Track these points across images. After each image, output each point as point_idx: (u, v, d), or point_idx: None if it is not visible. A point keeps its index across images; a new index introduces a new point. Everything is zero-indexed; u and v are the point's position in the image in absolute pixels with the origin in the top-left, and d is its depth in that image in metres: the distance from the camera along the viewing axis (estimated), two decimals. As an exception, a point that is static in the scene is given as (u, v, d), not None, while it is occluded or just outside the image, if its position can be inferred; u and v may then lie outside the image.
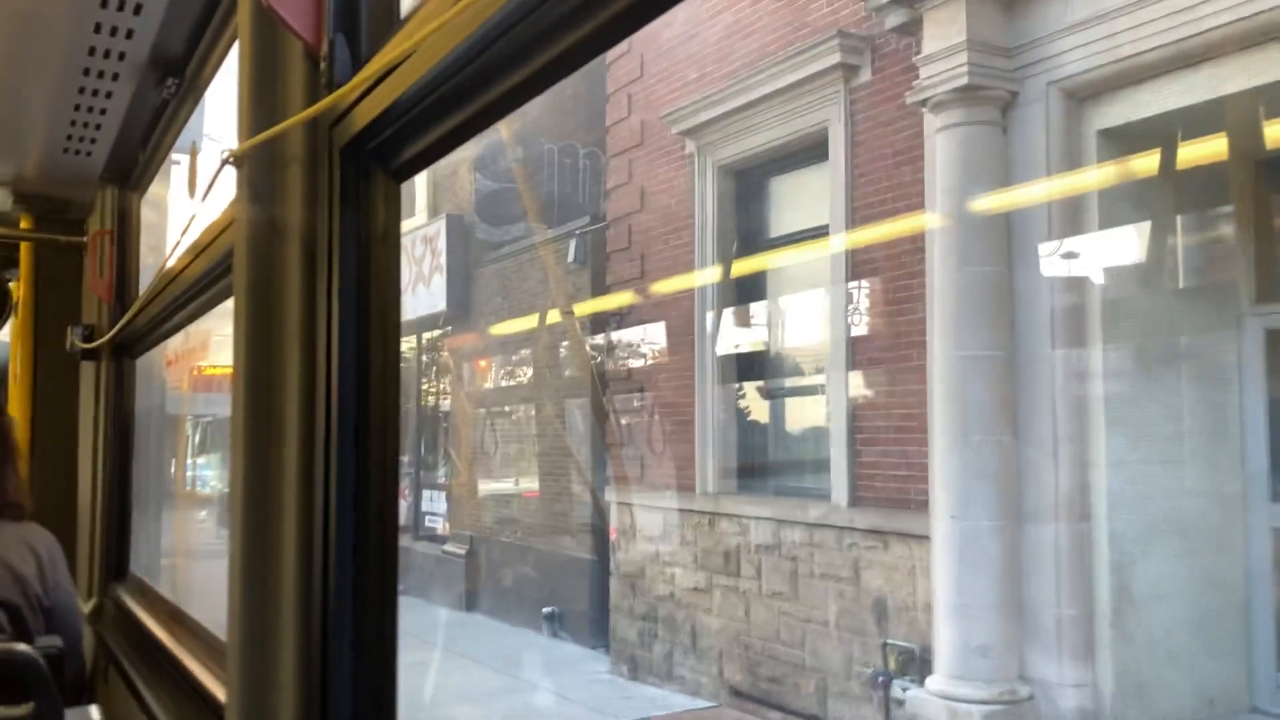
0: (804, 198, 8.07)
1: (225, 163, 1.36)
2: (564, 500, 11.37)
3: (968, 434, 5.79)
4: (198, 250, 1.93)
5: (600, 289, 10.64)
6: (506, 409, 12.63)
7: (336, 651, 1.18)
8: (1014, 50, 5.79)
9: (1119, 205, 5.63)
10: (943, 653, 5.91)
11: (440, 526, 14.33)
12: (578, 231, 11.01)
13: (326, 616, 1.18)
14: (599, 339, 10.66)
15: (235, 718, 1.29)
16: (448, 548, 13.77)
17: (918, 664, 6.48)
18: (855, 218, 7.23)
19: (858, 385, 7.15)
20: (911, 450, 6.67)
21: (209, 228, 1.81)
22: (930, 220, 6.35)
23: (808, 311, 8.06)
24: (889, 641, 6.74)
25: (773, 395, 8.44)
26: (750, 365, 8.46)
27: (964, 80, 5.76)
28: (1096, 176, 5.59)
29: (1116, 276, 5.67)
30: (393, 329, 1.20)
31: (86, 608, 3.01)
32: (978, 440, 5.76)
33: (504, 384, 12.78)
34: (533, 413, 12.18)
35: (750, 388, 8.46)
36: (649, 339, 9.39)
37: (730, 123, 8.29)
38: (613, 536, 9.81)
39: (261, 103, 1.33)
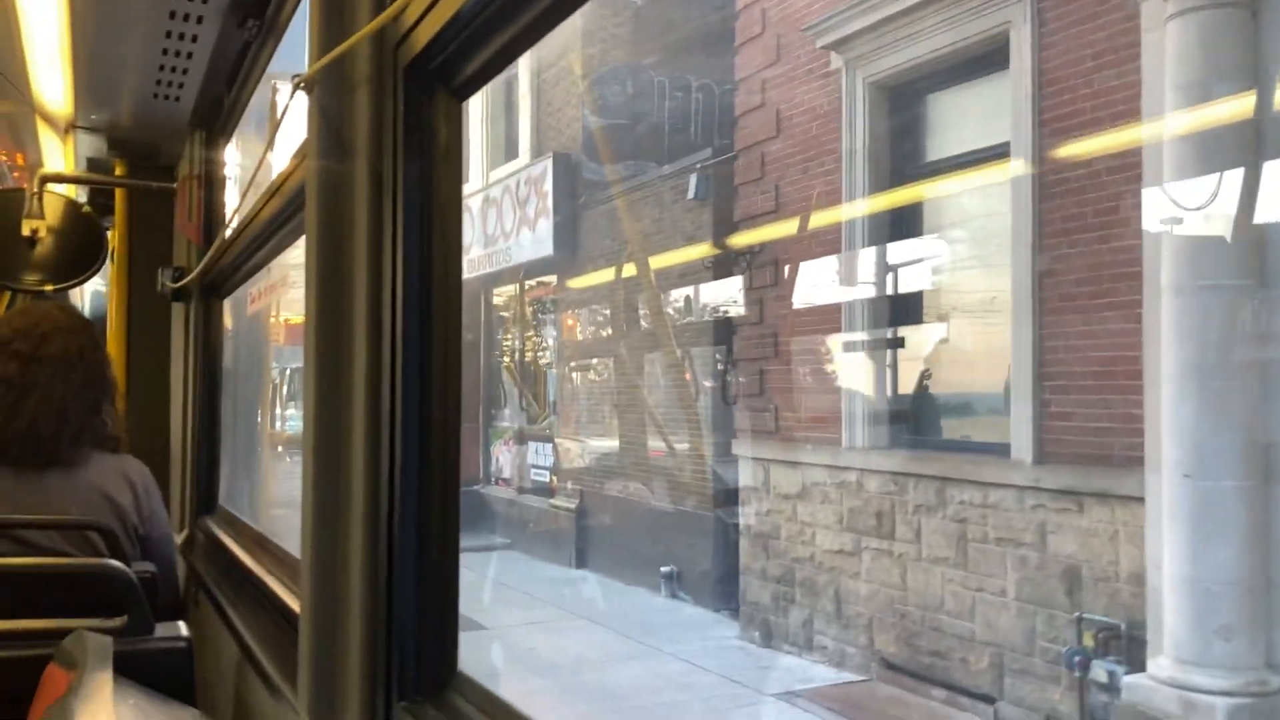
0: (975, 114, 7.14)
1: (296, 87, 1.38)
2: (681, 454, 10.68)
3: (1206, 378, 4.90)
4: (275, 186, 1.99)
5: (724, 227, 9.84)
6: (616, 358, 11.95)
7: (401, 564, 1.22)
8: (1272, -85, 4.81)
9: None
10: (1171, 633, 5.07)
11: (547, 480, 13.78)
12: (699, 165, 10.20)
13: (391, 531, 1.22)
14: (721, 283, 9.89)
15: (308, 627, 1.34)
16: (555, 501, 13.22)
17: (1124, 643, 5.64)
18: (1043, 133, 6.30)
19: (1045, 325, 6.26)
20: (1115, 400, 5.79)
21: (286, 165, 1.86)
22: (1148, 130, 5.41)
23: (980, 243, 7.15)
24: (1085, 616, 5.90)
25: (935, 339, 7.57)
26: (907, 305, 7.59)
27: (1209, -47, 4.81)
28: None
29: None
30: (454, 246, 1.24)
31: (179, 539, 3.12)
32: (1219, 385, 4.87)
33: (614, 332, 12.09)
34: (646, 362, 11.48)
35: (907, 331, 7.60)
36: (784, 279, 8.57)
37: (886, 31, 7.37)
38: (741, 493, 9.10)
39: (330, 26, 1.35)
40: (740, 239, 9.00)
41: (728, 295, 9.71)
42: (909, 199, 7.53)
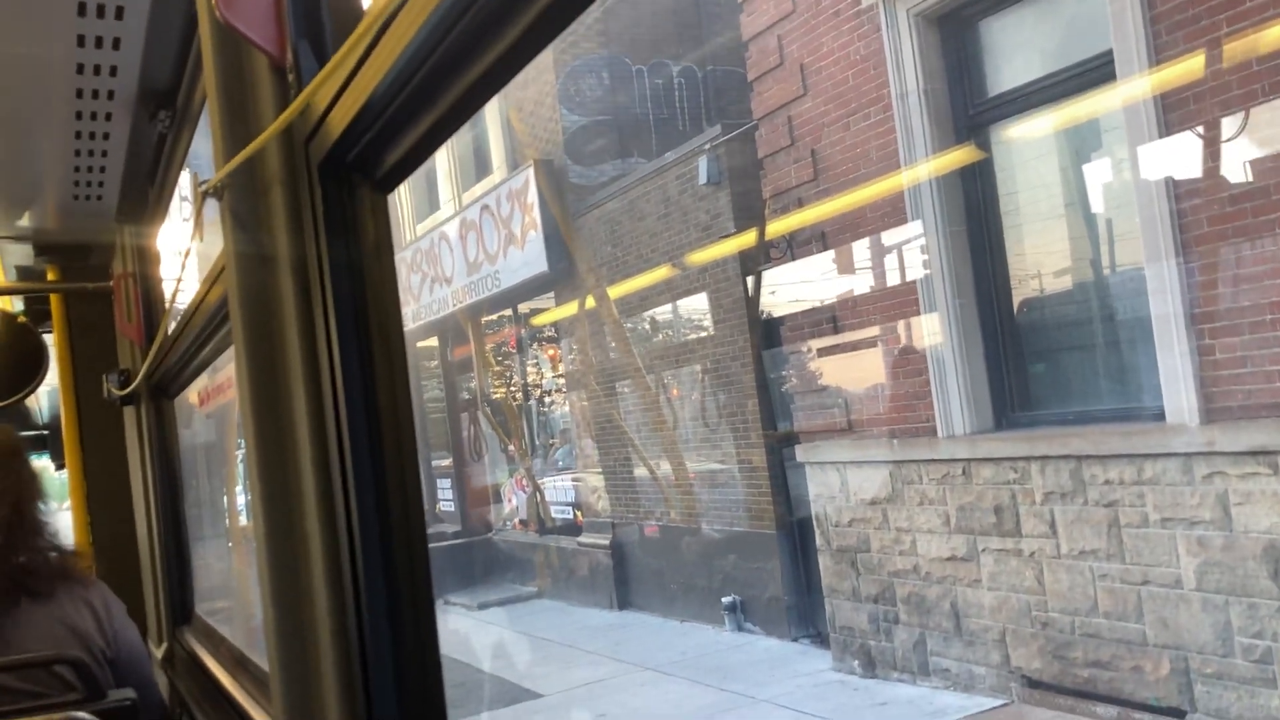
0: (1054, 31, 6.10)
1: (205, 195, 1.32)
2: (730, 469, 9.55)
3: None
4: (207, 287, 1.87)
5: (748, 209, 8.76)
6: (637, 377, 10.81)
7: (378, 664, 1.18)
8: None
9: None
10: None
11: (572, 516, 12.61)
12: (708, 145, 9.11)
13: (363, 632, 1.18)
14: (759, 274, 8.81)
15: None
16: (584, 539, 12.06)
17: (1375, 630, 4.58)
18: (1159, 41, 5.26)
19: (1195, 259, 5.21)
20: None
21: (215, 262, 1.73)
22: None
23: (1093, 181, 6.10)
24: (1306, 601, 4.84)
25: (1039, 298, 6.51)
26: (996, 266, 6.53)
27: None
28: None
29: None
30: (397, 349, 1.18)
31: (159, 653, 3.01)
32: None
33: (628, 349, 10.96)
34: (674, 376, 10.36)
35: (1002, 291, 6.52)
36: (837, 260, 7.49)
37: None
38: (813, 505, 7.98)
39: (234, 126, 1.29)
40: (776, 222, 7.90)
41: (765, 286, 8.62)
42: (990, 140, 6.48)
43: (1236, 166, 4.93)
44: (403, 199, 16.06)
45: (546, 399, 13.54)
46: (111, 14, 1.89)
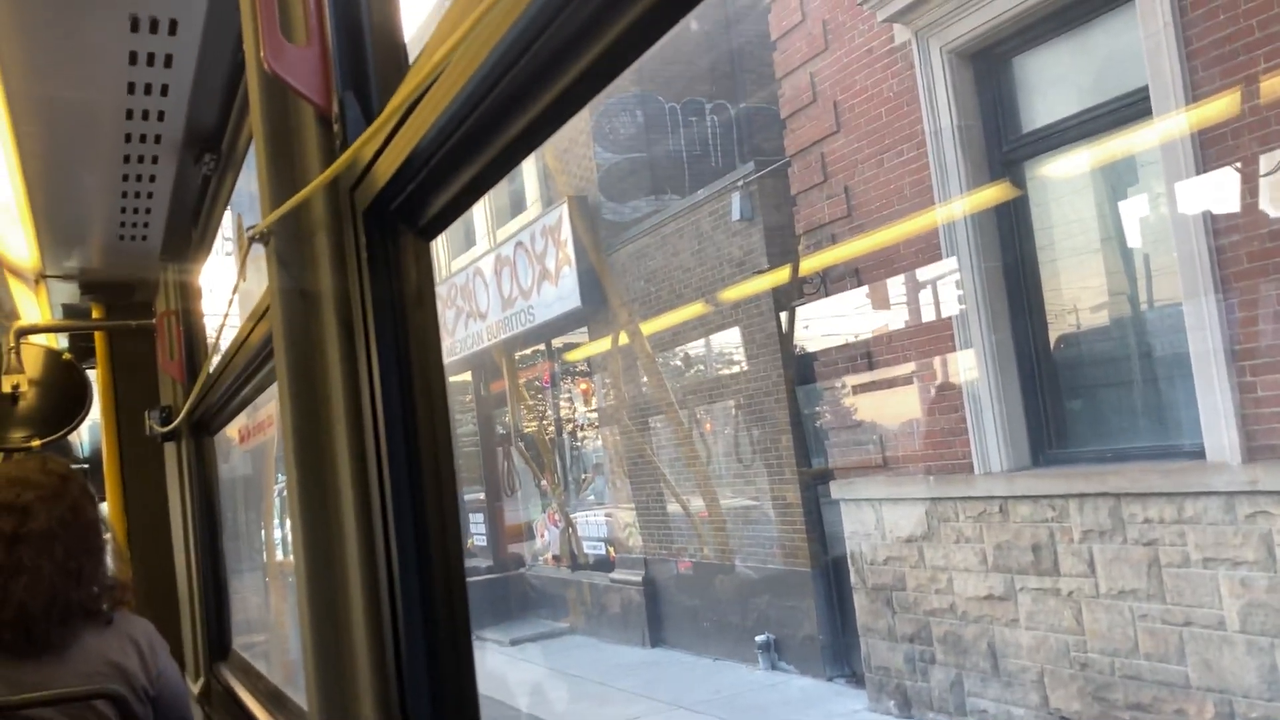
0: (1089, 68, 6.10)
1: (251, 240, 1.34)
2: (762, 506, 9.51)
3: None
4: (250, 327, 1.92)
5: (781, 245, 8.78)
6: (669, 412, 10.81)
7: (416, 700, 1.17)
8: None
9: None
10: None
11: (604, 552, 12.58)
12: (741, 182, 9.15)
13: (401, 668, 1.18)
14: (792, 310, 8.80)
15: None
16: (616, 575, 12.01)
17: None
18: (1196, 77, 5.24)
19: (1234, 295, 5.15)
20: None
21: (259, 302, 1.77)
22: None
23: (1129, 217, 6.07)
24: (1354, 645, 4.73)
25: (1076, 334, 6.46)
26: (1032, 302, 6.49)
27: None
28: None
29: None
30: (438, 390, 1.19)
31: (195, 688, 3.03)
32: None
33: (660, 384, 10.96)
34: (708, 411, 10.35)
35: (1039, 327, 6.48)
36: (872, 297, 7.47)
37: (964, -11, 6.37)
38: (848, 542, 7.92)
39: (280, 173, 1.32)
40: (810, 258, 7.91)
41: (799, 321, 8.62)
42: (1024, 176, 6.47)
43: (1276, 202, 4.89)
44: (438, 236, 16.20)
45: (579, 434, 13.56)
46: (161, 62, 1.94)
